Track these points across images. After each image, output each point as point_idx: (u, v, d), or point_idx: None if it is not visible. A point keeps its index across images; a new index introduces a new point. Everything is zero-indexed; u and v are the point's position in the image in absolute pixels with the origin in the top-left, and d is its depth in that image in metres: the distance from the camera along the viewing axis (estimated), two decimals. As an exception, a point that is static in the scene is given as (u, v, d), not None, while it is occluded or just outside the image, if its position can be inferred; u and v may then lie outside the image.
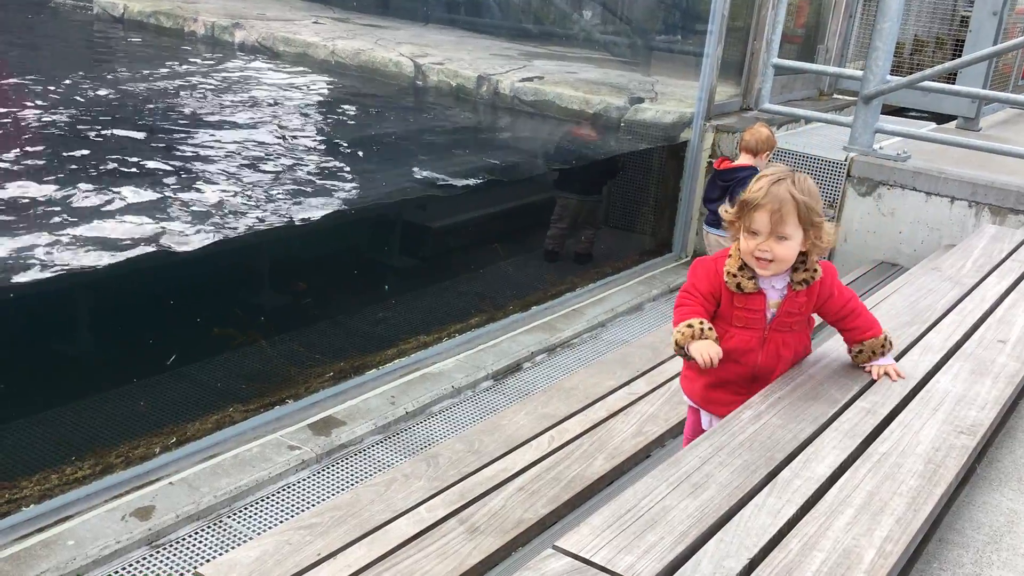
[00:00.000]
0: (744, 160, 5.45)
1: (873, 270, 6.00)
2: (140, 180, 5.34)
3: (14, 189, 4.89)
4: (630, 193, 7.35)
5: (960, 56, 7.58)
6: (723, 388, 2.69)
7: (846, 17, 8.58)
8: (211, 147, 6.19)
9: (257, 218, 5.10)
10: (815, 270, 2.58)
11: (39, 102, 6.48)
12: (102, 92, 7.11)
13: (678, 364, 3.40)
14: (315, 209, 5.41)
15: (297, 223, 5.18)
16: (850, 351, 2.79)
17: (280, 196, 5.48)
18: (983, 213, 5.84)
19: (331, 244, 5.61)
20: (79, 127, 6.14)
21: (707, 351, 2.48)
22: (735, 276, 2.57)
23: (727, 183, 5.40)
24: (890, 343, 2.75)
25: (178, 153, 5.99)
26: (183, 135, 6.38)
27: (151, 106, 6.93)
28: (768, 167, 2.60)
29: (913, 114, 8.95)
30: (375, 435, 4.16)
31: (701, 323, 2.53)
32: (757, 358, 2.63)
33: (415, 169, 6.51)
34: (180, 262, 4.53)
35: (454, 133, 7.76)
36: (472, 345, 5.11)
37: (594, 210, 6.90)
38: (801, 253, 2.56)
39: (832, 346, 3.06)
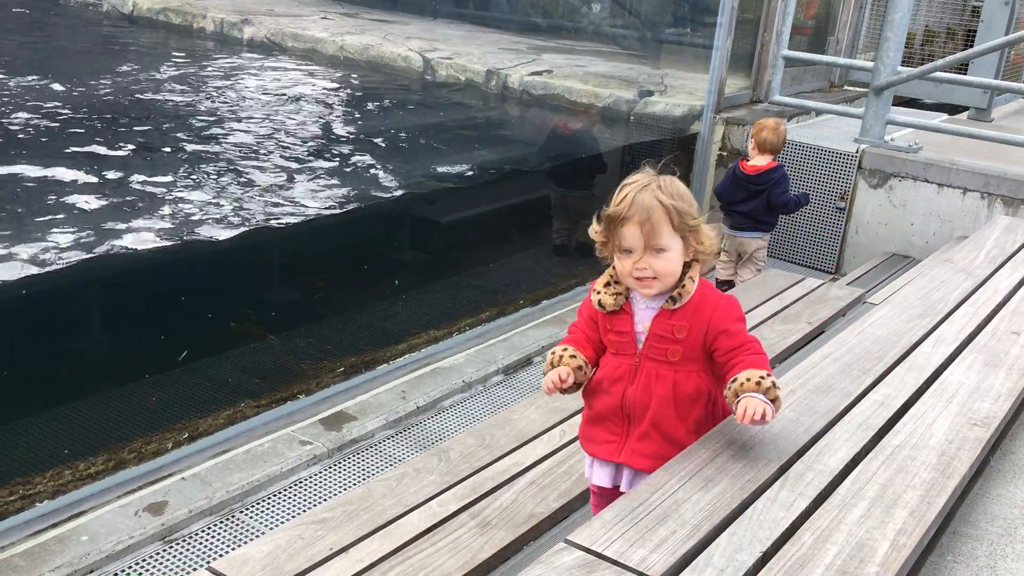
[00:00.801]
0: (766, 161, 5.35)
1: (885, 262, 5.98)
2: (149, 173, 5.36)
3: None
4: (640, 186, 7.32)
5: (971, 46, 7.53)
6: (600, 424, 2.34)
7: (856, 8, 8.53)
8: (219, 144, 6.20)
9: (264, 214, 5.11)
10: (683, 284, 2.20)
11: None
12: (114, 86, 7.13)
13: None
14: (323, 205, 5.41)
15: (306, 219, 5.19)
16: (729, 385, 2.17)
17: (287, 193, 5.48)
18: (996, 204, 5.81)
19: (341, 239, 5.62)
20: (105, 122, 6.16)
21: (550, 375, 2.23)
22: (598, 293, 2.28)
23: (761, 187, 5.32)
24: (777, 393, 2.12)
25: (187, 151, 6.01)
26: (194, 132, 6.39)
27: (162, 101, 6.95)
28: (631, 175, 2.25)
29: (924, 105, 8.90)
30: (386, 430, 4.16)
31: (565, 349, 2.28)
32: (626, 389, 2.26)
33: (424, 164, 6.51)
34: (190, 258, 4.55)
35: (464, 128, 7.76)
36: (482, 340, 5.11)
37: (583, 203, 6.78)
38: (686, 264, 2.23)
39: (843, 339, 3.04)
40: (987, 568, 2.19)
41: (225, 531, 3.39)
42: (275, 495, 3.63)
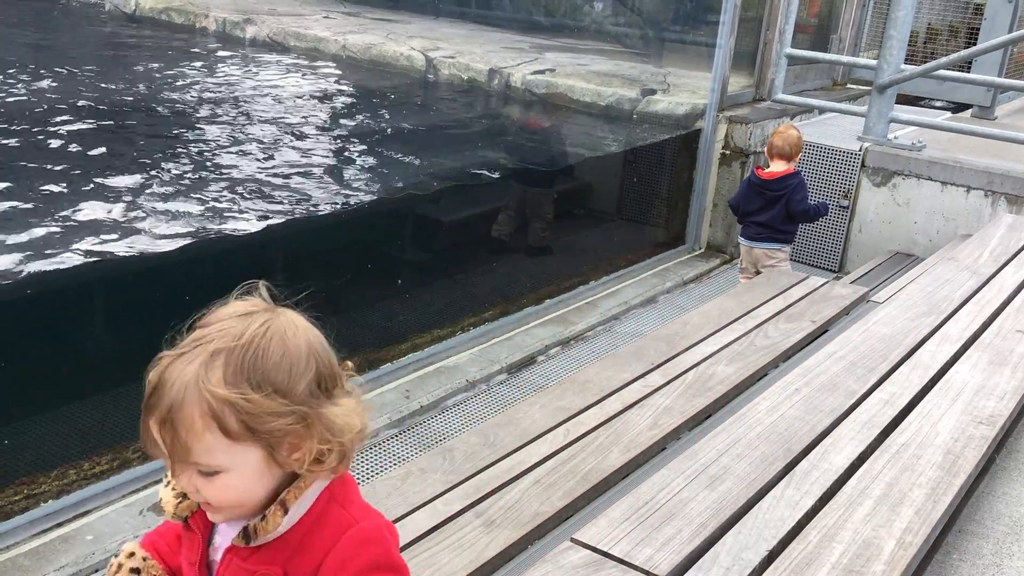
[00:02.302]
0: (782, 167, 5.15)
1: (888, 261, 5.98)
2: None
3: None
4: (642, 185, 7.34)
5: (974, 44, 7.52)
6: None
7: (859, 6, 8.52)
8: (220, 141, 6.21)
9: (269, 212, 5.11)
10: (265, 517, 1.23)
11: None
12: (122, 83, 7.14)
13: (694, 356, 3.39)
14: (326, 203, 5.42)
15: (310, 217, 5.19)
16: None
17: (289, 191, 5.49)
18: (999, 202, 5.80)
19: (344, 237, 5.62)
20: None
21: None
22: (166, 485, 1.34)
23: (778, 193, 5.12)
24: None
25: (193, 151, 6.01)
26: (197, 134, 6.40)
27: (169, 100, 6.96)
28: (219, 309, 1.38)
29: (927, 103, 8.89)
30: (390, 429, 4.16)
31: (131, 555, 1.38)
32: None
33: (427, 163, 6.51)
34: (194, 256, 4.55)
35: (466, 127, 7.76)
36: (486, 339, 5.10)
37: (541, 202, 6.67)
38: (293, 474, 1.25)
39: (847, 337, 3.05)
40: (993, 566, 2.19)
41: (229, 530, 3.39)
42: (279, 494, 3.62)
